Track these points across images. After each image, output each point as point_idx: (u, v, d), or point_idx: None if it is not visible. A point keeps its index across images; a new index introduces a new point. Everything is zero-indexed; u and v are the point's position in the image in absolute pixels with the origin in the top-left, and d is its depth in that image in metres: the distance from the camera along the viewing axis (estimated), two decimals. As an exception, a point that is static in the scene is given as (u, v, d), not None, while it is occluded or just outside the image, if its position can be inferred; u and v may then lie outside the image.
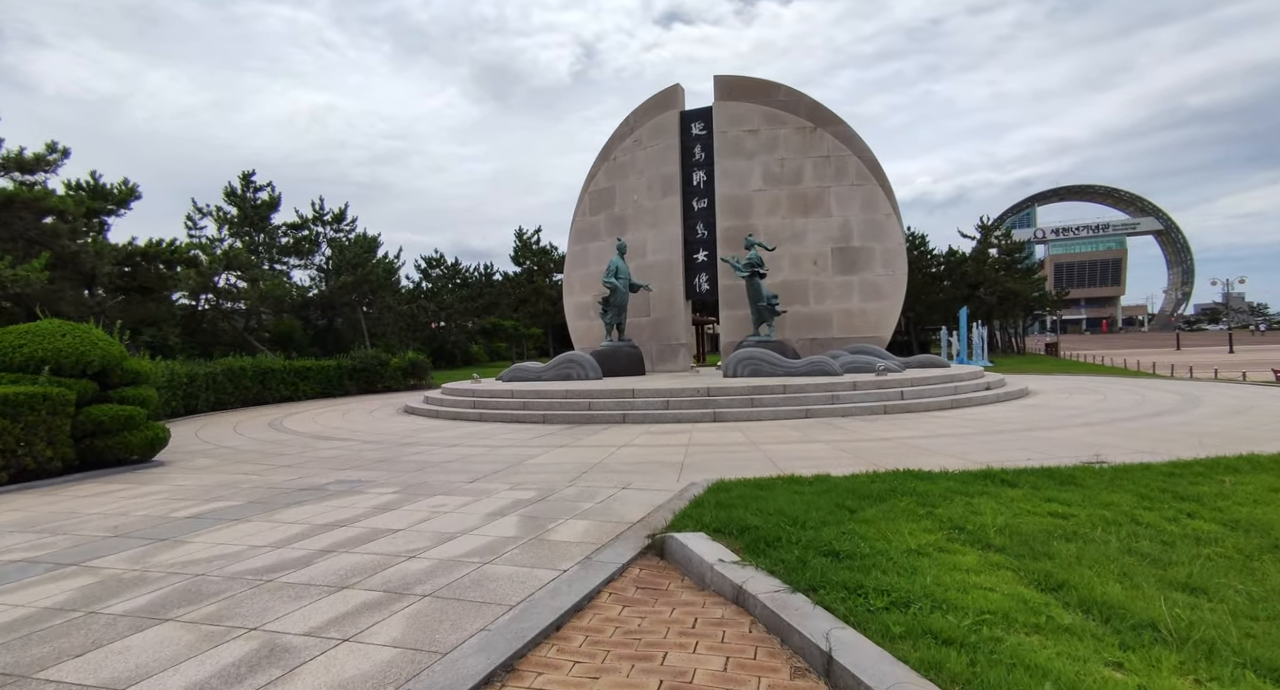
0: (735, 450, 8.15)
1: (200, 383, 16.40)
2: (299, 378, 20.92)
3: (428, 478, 7.08)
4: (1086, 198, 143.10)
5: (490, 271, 53.19)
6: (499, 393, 13.91)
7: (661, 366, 19.64)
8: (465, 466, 7.69)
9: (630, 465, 7.40)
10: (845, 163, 18.48)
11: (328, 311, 33.56)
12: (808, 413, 11.24)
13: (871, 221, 18.38)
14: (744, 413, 11.27)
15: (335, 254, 31.24)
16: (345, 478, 7.24)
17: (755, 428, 10.18)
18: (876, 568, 3.51)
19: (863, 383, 12.46)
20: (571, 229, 22.28)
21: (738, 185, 18.92)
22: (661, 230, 19.76)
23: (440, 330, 50.85)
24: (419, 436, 10.71)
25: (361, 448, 9.65)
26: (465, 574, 3.86)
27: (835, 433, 9.38)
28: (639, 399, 12.06)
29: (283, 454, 9.35)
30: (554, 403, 12.55)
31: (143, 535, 5.03)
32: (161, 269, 19.37)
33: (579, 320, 21.87)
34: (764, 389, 12.10)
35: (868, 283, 18.34)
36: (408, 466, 7.85)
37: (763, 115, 18.83)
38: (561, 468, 7.39)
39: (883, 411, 11.45)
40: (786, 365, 14.61)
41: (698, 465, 7.24)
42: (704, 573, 3.65)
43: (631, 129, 20.69)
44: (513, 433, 10.75)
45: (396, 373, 25.50)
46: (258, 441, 10.89)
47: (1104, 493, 5.08)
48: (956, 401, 12.14)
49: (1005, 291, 45.12)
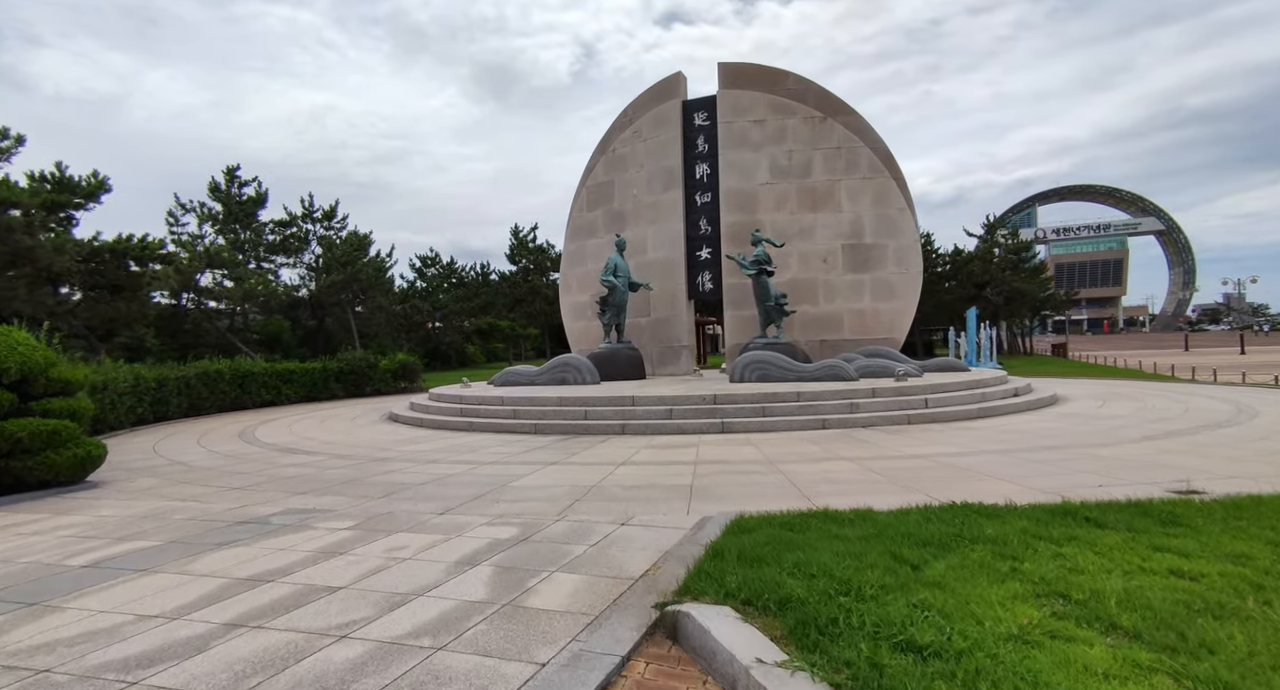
0: (750, 470, 7.14)
1: (172, 388, 15.35)
2: (281, 381, 19.88)
3: (394, 506, 6.05)
4: (1087, 198, 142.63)
5: (487, 271, 52.14)
6: (488, 399, 12.88)
7: (662, 369, 18.61)
8: (440, 491, 6.66)
9: (631, 490, 6.38)
10: (857, 155, 17.47)
11: (317, 312, 32.50)
12: (824, 423, 10.22)
13: (884, 217, 17.36)
14: (755, 423, 10.24)
15: (325, 252, 30.17)
16: (298, 506, 6.21)
17: (769, 441, 9.16)
18: (982, 676, 2.48)
19: (882, 389, 11.44)
20: (568, 225, 21.25)
21: (743, 178, 17.90)
22: (662, 226, 18.73)
23: (435, 331, 49.84)
24: (396, 450, 9.68)
25: (329, 465, 8.62)
26: (407, 671, 2.84)
27: (860, 448, 8.36)
28: (640, 408, 11.03)
29: (239, 472, 8.31)
30: (547, 411, 11.52)
31: (8, 596, 3.99)
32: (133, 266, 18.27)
33: (576, 321, 20.84)
34: (776, 396, 11.08)
35: (880, 281, 17.32)
36: (374, 490, 6.83)
37: (769, 104, 17.81)
38: (551, 493, 6.37)
39: (906, 422, 10.43)
40: (798, 369, 13.59)
41: (710, 491, 6.22)
42: (736, 678, 2.62)
43: (631, 120, 19.66)
44: (501, 445, 9.72)
45: (386, 375, 24.48)
46: (218, 456, 9.85)
47: (1225, 539, 4.06)
48: (984, 410, 11.12)
49: (1012, 291, 44.16)
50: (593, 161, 20.69)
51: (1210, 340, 68.35)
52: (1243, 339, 43.48)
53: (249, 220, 29.02)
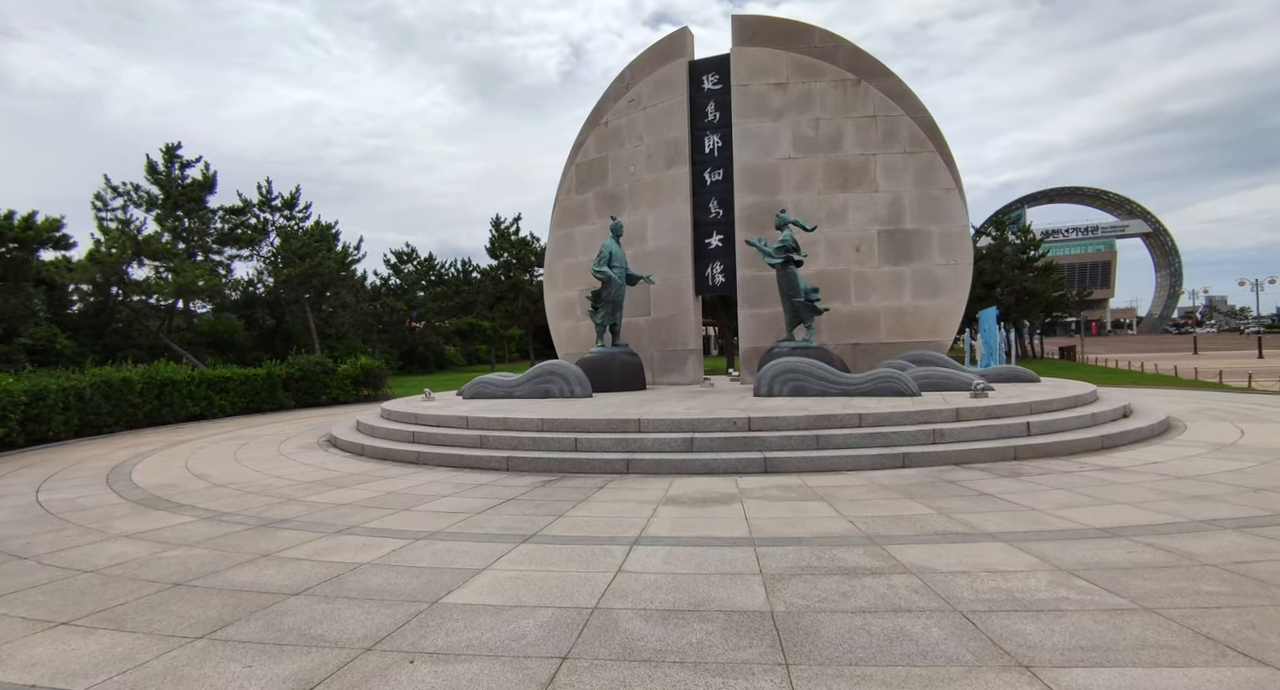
0: (852, 567, 4.33)
1: (53, 401, 12.25)
2: (213, 390, 16.78)
3: (203, 671, 3.17)
4: (1075, 200, 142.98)
5: (469, 268, 48.89)
6: (449, 421, 9.99)
7: (665, 378, 15.82)
8: (316, 618, 3.78)
9: (664, 624, 3.55)
10: (895, 125, 14.80)
11: (275, 310, 29.29)
12: (905, 459, 7.46)
13: (928, 198, 14.72)
14: (810, 461, 7.46)
15: (282, 244, 26.96)
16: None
17: (841, 492, 6.38)
18: None
19: (967, 410, 8.72)
20: (554, 210, 18.39)
21: (761, 152, 15.17)
22: (665, 209, 15.95)
23: (412, 331, 46.65)
24: (306, 502, 6.76)
25: (183, 537, 5.69)
26: None
27: (994, 510, 5.60)
28: (649, 436, 8.21)
29: (17, 555, 5.36)
30: (524, 439, 8.66)
31: None
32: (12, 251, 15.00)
33: (563, 320, 18.00)
34: (831, 420, 8.32)
35: (923, 274, 14.67)
36: (202, 613, 3.93)
37: (792, 65, 15.09)
38: (517, 634, 3.50)
39: (1013, 456, 7.71)
40: (842, 381, 10.85)
41: (813, 640, 3.37)
42: None
43: (628, 85, 16.86)
44: (456, 496, 6.84)
45: (345, 382, 21.45)
46: (15, 521, 6.85)
47: None
48: (1107, 439, 8.42)
49: (1023, 291, 42.01)
50: (582, 135, 17.86)
51: (1215, 343, 67.00)
52: (1260, 341, 41.63)
53: (195, 207, 25.73)
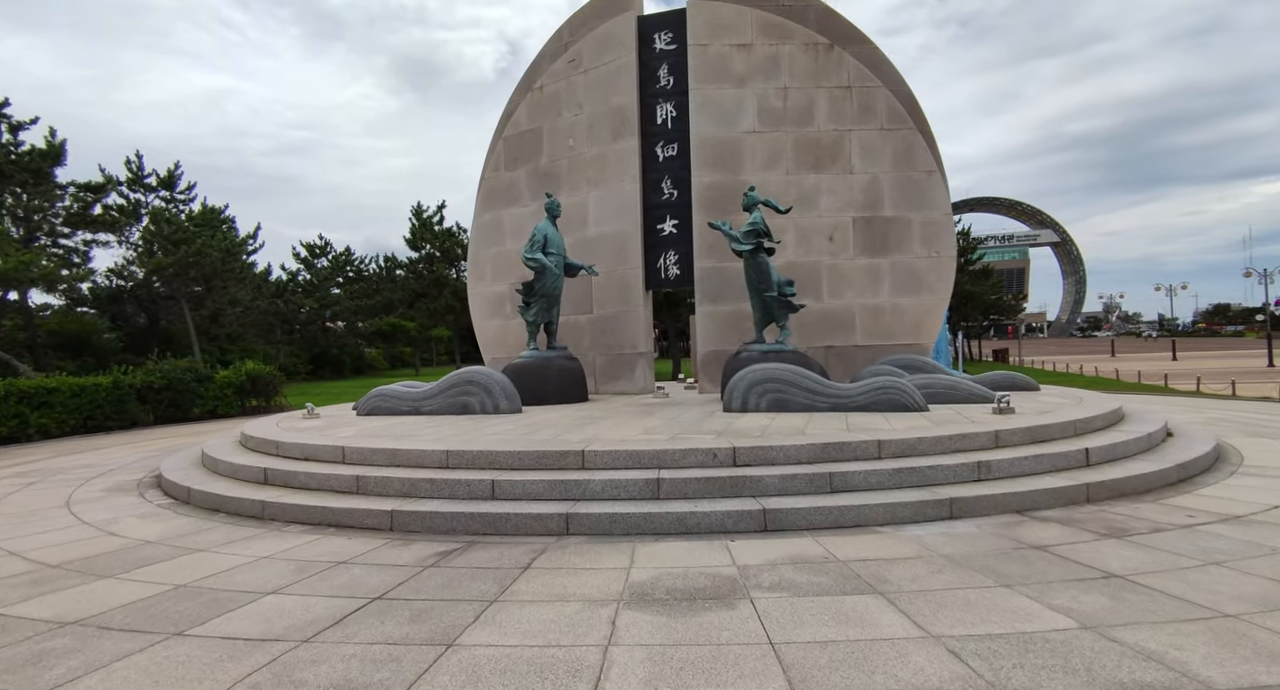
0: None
1: None
2: (28, 405, 13.13)
3: None
4: (993, 210, 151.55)
5: (393, 263, 44.67)
6: (318, 451, 7.26)
7: (610, 386, 13.47)
8: None
9: None
10: (872, 98, 13.06)
11: (148, 306, 24.96)
12: (953, 509, 5.41)
13: (908, 181, 13.05)
14: (824, 514, 5.29)
15: (153, 228, 22.80)
16: None
17: (886, 569, 4.22)
18: None
19: (1007, 433, 6.81)
20: (479, 191, 15.69)
21: (722, 124, 13.09)
22: (610, 188, 13.61)
23: (326, 333, 42.28)
24: (35, 628, 4.01)
25: None
26: None
27: (1157, 614, 3.56)
28: (596, 476, 5.83)
29: None
30: (418, 481, 6.09)
31: None
32: None
33: (490, 319, 15.33)
34: (843, 449, 6.20)
35: (903, 268, 12.98)
36: None
37: (758, 23, 13.09)
38: None
39: (1085, 498, 5.80)
40: (833, 393, 8.83)
41: None
42: None
43: (566, 44, 14.41)
44: (289, 592, 4.24)
45: (226, 391, 17.94)
46: None
47: None
48: (1183, 470, 6.69)
49: (963, 294, 42.23)
50: (513, 103, 15.27)
51: (1125, 346, 70.90)
52: (1174, 345, 43.59)
53: (37, 182, 21.29)
